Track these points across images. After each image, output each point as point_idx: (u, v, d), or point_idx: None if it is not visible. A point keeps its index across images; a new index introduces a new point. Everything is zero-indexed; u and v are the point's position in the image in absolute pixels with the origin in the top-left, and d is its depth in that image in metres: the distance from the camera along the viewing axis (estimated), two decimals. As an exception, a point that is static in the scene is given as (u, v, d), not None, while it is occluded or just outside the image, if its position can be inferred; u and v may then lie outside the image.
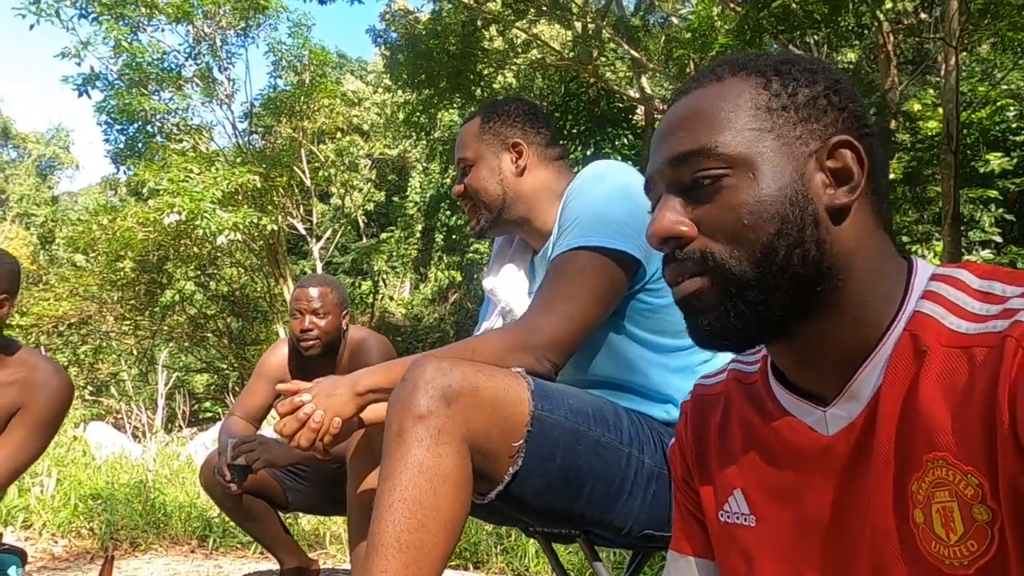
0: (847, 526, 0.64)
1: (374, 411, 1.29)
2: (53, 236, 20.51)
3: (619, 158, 10.96)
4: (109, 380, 13.78)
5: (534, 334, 1.17)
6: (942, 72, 7.87)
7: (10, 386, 1.79)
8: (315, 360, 2.34)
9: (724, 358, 1.33)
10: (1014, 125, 7.93)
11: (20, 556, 1.85)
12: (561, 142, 1.51)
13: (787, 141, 0.64)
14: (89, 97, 10.93)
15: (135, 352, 13.89)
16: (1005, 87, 8.52)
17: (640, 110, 11.39)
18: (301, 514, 3.63)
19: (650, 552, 1.28)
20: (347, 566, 3.35)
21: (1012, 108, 7.92)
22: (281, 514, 2.45)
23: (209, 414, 13.55)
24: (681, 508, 0.82)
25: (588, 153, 11.32)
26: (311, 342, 2.28)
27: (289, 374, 2.41)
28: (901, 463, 0.60)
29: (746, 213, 0.62)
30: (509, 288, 1.46)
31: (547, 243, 1.39)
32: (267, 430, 2.56)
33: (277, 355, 2.44)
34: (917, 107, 8.67)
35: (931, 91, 9.99)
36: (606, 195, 1.26)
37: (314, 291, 2.28)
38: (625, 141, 11.16)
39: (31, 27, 10.19)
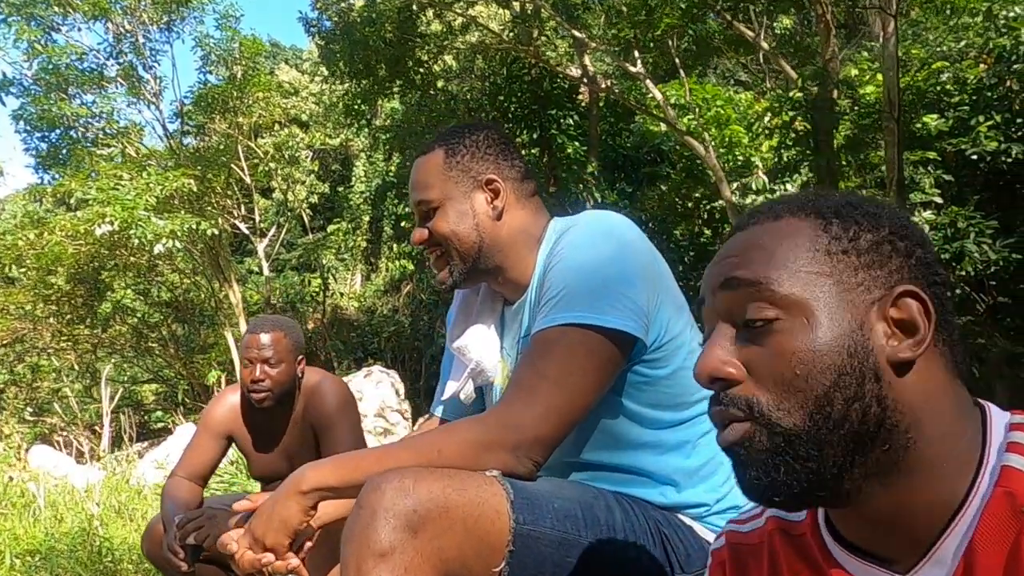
0: None
1: (325, 509, 1.13)
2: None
3: (565, 139, 10.84)
4: (51, 397, 13.22)
5: (514, 430, 1.00)
6: (880, 39, 7.92)
7: None
8: (268, 411, 2.16)
9: None
10: (949, 87, 8.03)
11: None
12: (533, 176, 1.31)
13: (847, 287, 0.60)
14: (3, 104, 10.29)
15: (76, 367, 13.32)
16: (938, 49, 8.63)
17: (584, 90, 11.25)
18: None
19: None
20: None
21: (946, 70, 8.01)
22: None
23: (160, 424, 13.11)
24: None
25: (534, 136, 11.14)
26: (263, 394, 2.08)
27: (242, 426, 2.23)
28: None
29: (798, 362, 0.58)
30: (479, 346, 1.27)
31: (523, 296, 1.21)
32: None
33: (224, 405, 2.24)
34: (854, 72, 8.72)
35: (865, 54, 10.08)
36: (599, 259, 1.08)
37: (265, 337, 2.08)
38: (571, 122, 11.00)
39: (-66, 31, 9.53)
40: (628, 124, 11.69)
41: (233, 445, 2.28)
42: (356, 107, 12.08)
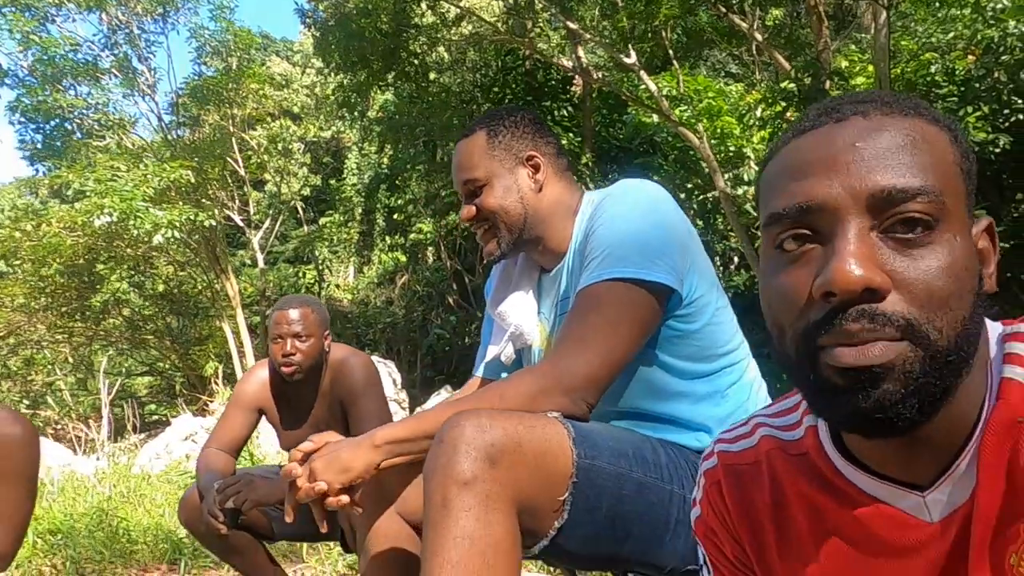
0: None
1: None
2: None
3: (559, 131, 10.91)
4: (45, 391, 13.20)
5: (568, 375, 1.10)
6: (871, 30, 8.03)
7: None
8: (297, 385, 2.24)
9: (752, 385, 1.29)
10: (938, 78, 8.16)
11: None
12: (566, 153, 1.42)
13: (969, 209, 0.58)
14: (-2, 96, 10.27)
15: (71, 360, 13.31)
16: (927, 41, 8.75)
17: (577, 81, 11.32)
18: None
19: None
20: (330, 579, 3.29)
21: (935, 62, 8.14)
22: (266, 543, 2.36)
23: (155, 417, 13.12)
24: None
25: (529, 127, 11.20)
26: (293, 367, 2.15)
27: (271, 400, 2.31)
28: (998, 540, 0.57)
29: (953, 278, 0.54)
30: (518, 311, 1.38)
31: (560, 263, 1.32)
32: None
33: (254, 381, 2.32)
34: (845, 63, 8.84)
35: (853, 47, 10.20)
36: (635, 217, 1.19)
37: (295, 313, 2.16)
38: (564, 113, 11.08)
39: (-73, 23, 9.49)
40: (621, 115, 11.79)
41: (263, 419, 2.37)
42: (349, 99, 12.11)
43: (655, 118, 10.31)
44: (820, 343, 0.56)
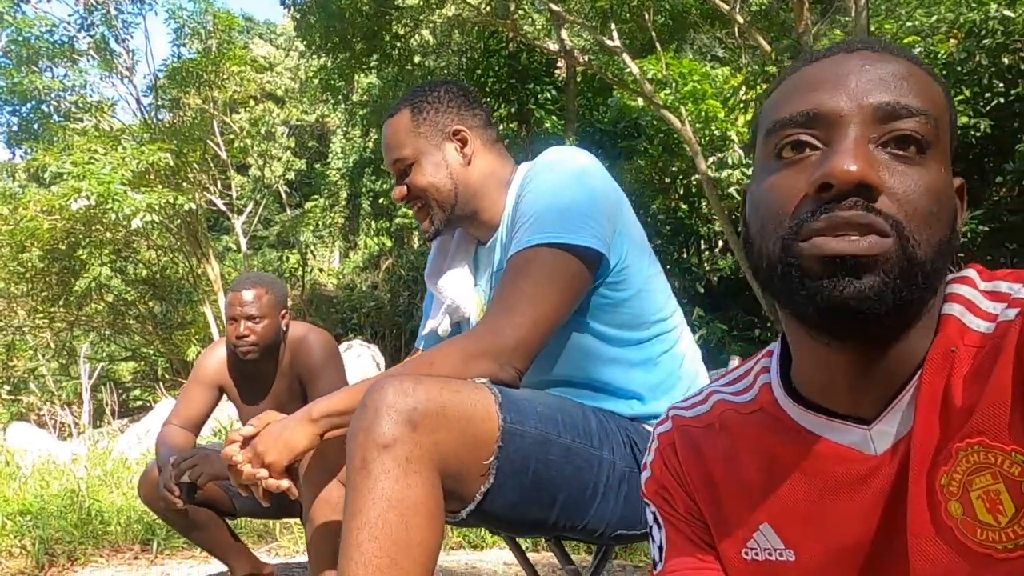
0: (895, 542, 0.63)
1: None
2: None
3: (543, 114, 10.88)
4: (27, 376, 13.12)
5: (496, 340, 1.10)
6: (852, 12, 8.04)
7: None
8: (255, 362, 2.23)
9: (685, 354, 1.30)
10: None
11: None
12: (494, 123, 1.41)
13: (949, 157, 0.62)
14: (-28, 77, 10.12)
15: (52, 345, 13.22)
16: (909, 24, 8.77)
17: (561, 64, 11.27)
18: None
19: (613, 547, 1.26)
20: (301, 559, 3.29)
21: (918, 45, 8.16)
22: (229, 520, 2.36)
23: (139, 402, 13.08)
24: (690, 540, 0.77)
25: (512, 111, 11.17)
26: (248, 348, 2.16)
27: (228, 378, 2.30)
28: (934, 465, 0.59)
29: (942, 197, 0.59)
30: (454, 285, 1.38)
31: (494, 234, 1.32)
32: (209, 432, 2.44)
33: (214, 358, 2.31)
34: (825, 45, 8.86)
35: (838, 31, 10.21)
36: (562, 185, 1.18)
37: (248, 294, 2.15)
38: (548, 96, 11.05)
39: None
40: (605, 99, 11.76)
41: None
42: (332, 82, 12.01)
43: (639, 101, 10.30)
44: (806, 232, 0.58)
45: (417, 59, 12.25)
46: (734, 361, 1.48)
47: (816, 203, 0.58)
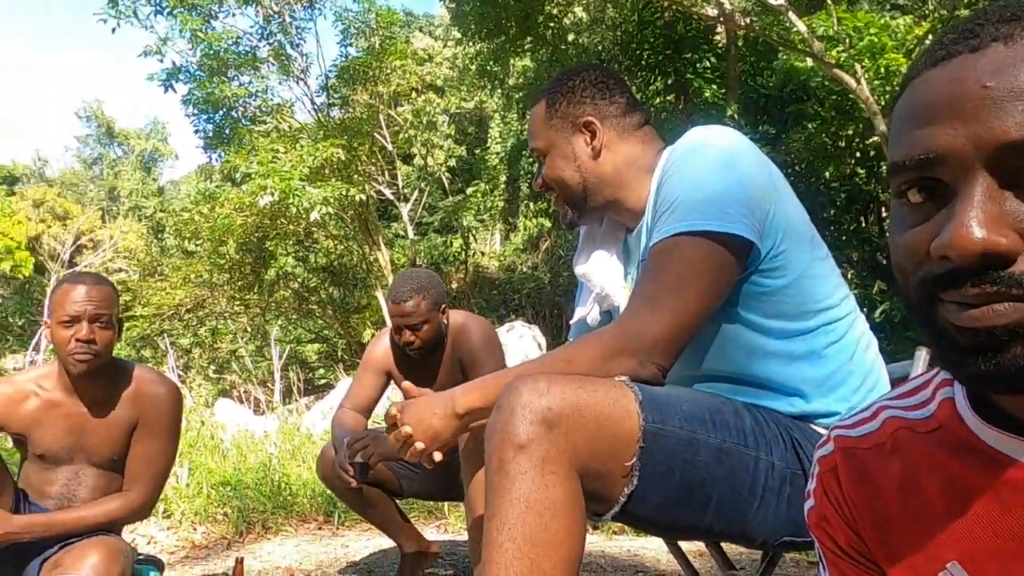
0: None
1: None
2: (162, 226, 21.71)
3: (702, 83, 10.43)
4: (229, 357, 14.59)
5: (636, 336, 1.05)
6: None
7: (123, 402, 1.85)
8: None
9: (857, 346, 1.17)
10: None
11: (157, 565, 1.93)
12: (641, 106, 1.33)
13: None
14: (175, 91, 11.32)
15: (249, 329, 14.61)
16: None
17: (720, 29, 10.74)
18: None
19: (780, 553, 1.17)
20: (466, 537, 3.41)
21: None
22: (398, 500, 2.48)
23: (323, 381, 14.16)
24: None
25: (669, 83, 10.80)
26: (415, 351, 2.30)
27: (394, 364, 2.42)
28: None
29: None
30: (602, 272, 1.33)
31: (640, 221, 1.25)
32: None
33: (381, 346, 2.44)
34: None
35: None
36: (708, 168, 1.10)
37: (408, 305, 2.23)
38: (707, 64, 10.54)
39: (112, 31, 10.58)
40: (770, 62, 11.06)
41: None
42: (488, 68, 12.23)
43: (808, 62, 9.59)
44: (940, 296, 0.51)
45: (571, 38, 12.16)
46: (920, 355, 1.32)
47: (943, 265, 0.50)
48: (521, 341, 8.48)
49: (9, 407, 1.80)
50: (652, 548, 3.07)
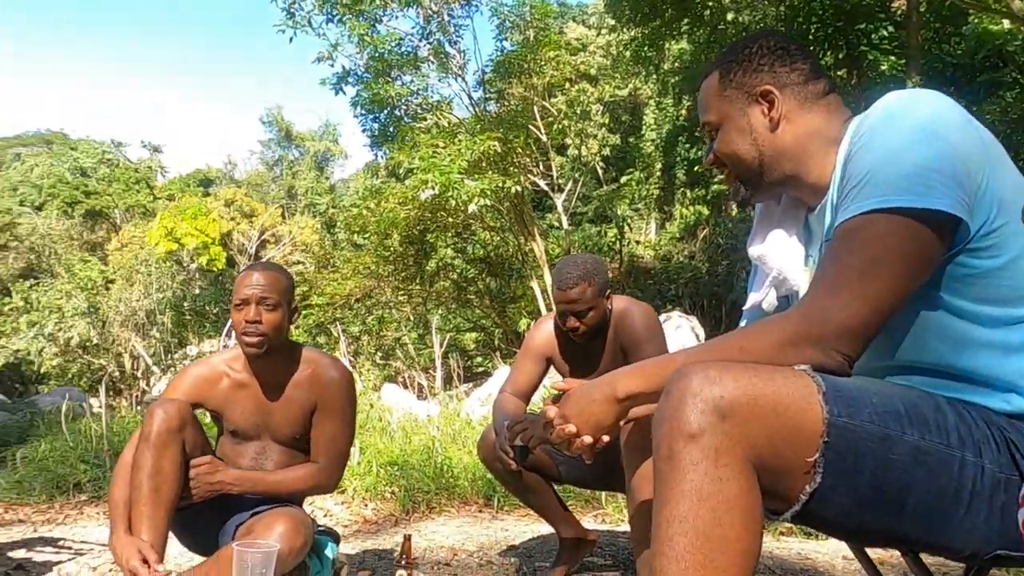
0: None
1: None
2: (334, 222, 23.24)
3: (877, 55, 9.63)
4: (394, 345, 15.38)
5: (820, 323, 0.95)
6: None
7: (301, 385, 1.98)
8: None
9: None
10: None
11: (334, 537, 2.05)
12: (826, 73, 1.21)
13: None
14: (344, 94, 12.04)
15: (412, 318, 15.31)
16: None
17: (900, -6, 9.86)
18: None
19: (989, 568, 1.03)
20: (626, 527, 3.37)
21: None
22: (556, 487, 2.49)
23: (481, 369, 14.58)
24: None
25: (840, 56, 10.07)
26: (579, 337, 2.31)
27: (557, 350, 2.44)
28: None
29: None
30: (780, 254, 1.23)
31: (824, 198, 1.14)
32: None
33: (543, 332, 2.47)
34: None
35: None
36: (906, 138, 0.97)
37: (574, 292, 2.24)
38: (884, 34, 9.70)
39: (290, 40, 11.40)
40: (959, 27, 10.03)
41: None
42: (643, 53, 11.99)
43: (1005, 24, 8.61)
44: None
45: (730, 16, 11.65)
46: None
47: None
48: (679, 332, 8.27)
49: (205, 387, 1.98)
50: (825, 552, 2.88)
